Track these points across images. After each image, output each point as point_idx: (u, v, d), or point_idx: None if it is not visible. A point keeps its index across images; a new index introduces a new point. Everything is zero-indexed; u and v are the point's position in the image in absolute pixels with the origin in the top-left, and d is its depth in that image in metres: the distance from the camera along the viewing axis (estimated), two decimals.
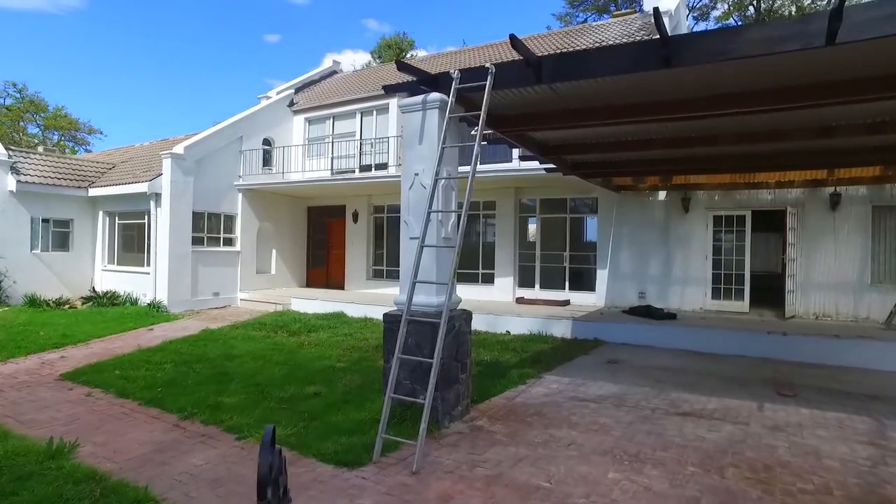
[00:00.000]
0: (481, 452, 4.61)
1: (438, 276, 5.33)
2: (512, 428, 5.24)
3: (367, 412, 5.43)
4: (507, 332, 10.71)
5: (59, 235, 14.90)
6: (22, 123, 38.90)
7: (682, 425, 5.39)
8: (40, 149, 23.70)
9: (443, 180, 5.28)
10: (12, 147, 15.40)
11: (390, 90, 5.92)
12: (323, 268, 17.53)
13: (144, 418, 5.38)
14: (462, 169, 5.84)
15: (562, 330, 10.42)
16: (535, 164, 11.09)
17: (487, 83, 5.05)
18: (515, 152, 12.18)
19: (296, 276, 17.29)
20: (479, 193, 13.82)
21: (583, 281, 13.41)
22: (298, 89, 18.62)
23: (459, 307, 5.65)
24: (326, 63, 21.49)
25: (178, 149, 13.60)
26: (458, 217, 5.20)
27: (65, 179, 14.92)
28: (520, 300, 13.39)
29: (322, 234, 17.61)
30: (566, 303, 12.95)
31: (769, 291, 13.29)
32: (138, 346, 8.91)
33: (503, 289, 13.83)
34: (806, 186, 10.82)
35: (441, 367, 4.77)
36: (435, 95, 5.40)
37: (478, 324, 9.43)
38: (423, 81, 5.40)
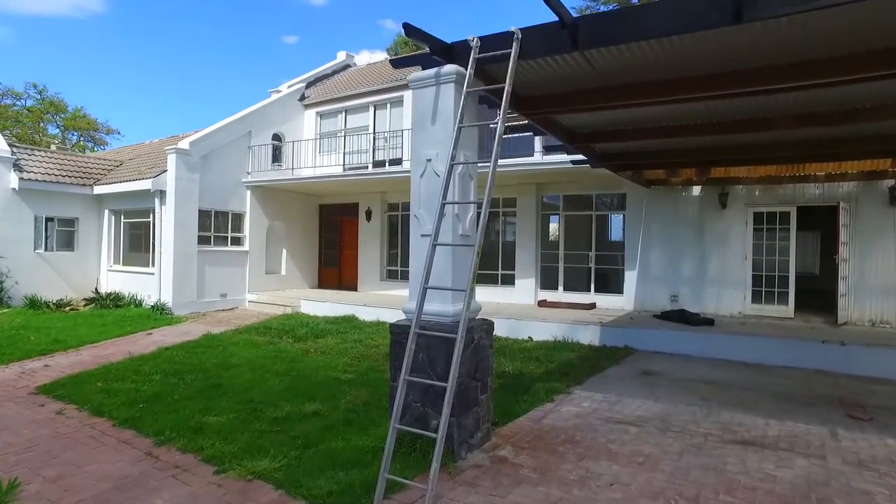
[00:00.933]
0: (505, 494, 3.80)
1: (455, 280, 4.52)
2: (541, 459, 4.42)
3: (371, 438, 4.67)
4: (530, 338, 9.87)
5: (63, 235, 14.43)
6: (42, 124, 39.07)
7: (743, 458, 4.53)
8: (53, 147, 23.43)
9: (459, 166, 4.47)
10: (16, 144, 14.99)
11: (399, 63, 5.15)
12: (335, 268, 16.82)
13: (114, 443, 4.67)
14: (481, 165, 5.05)
15: (589, 336, 9.56)
16: (558, 157, 10.28)
17: (513, 51, 4.24)
18: (538, 145, 11.36)
19: (307, 276, 16.61)
20: (498, 189, 12.98)
21: (610, 283, 12.52)
22: (310, 83, 17.92)
23: (479, 316, 4.85)
24: (340, 57, 20.73)
25: (184, 144, 13.01)
26: (478, 211, 4.40)
27: (69, 177, 14.44)
28: (542, 303, 12.53)
29: (334, 233, 16.90)
30: (592, 306, 12.06)
31: (811, 294, 12.28)
32: (130, 353, 8.25)
33: (524, 291, 12.97)
34: (861, 179, 9.77)
35: (458, 387, 3.98)
36: (450, 67, 4.58)
37: (497, 329, 8.52)
38: (437, 51, 4.59)
